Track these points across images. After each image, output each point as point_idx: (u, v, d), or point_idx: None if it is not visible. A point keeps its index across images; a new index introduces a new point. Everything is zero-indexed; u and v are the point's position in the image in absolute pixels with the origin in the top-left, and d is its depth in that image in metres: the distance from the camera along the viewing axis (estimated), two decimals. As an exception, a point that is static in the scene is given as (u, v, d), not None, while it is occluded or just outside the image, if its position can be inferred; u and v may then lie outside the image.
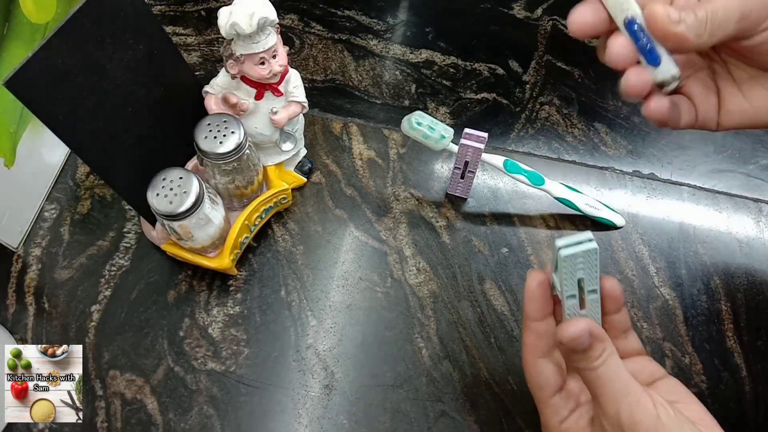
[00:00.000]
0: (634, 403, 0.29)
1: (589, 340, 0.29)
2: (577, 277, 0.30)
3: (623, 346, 0.34)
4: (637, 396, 0.29)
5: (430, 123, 0.45)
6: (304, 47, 0.59)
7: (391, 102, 0.57)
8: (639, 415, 0.29)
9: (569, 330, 0.29)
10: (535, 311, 0.33)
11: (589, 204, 0.50)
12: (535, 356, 0.33)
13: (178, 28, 0.59)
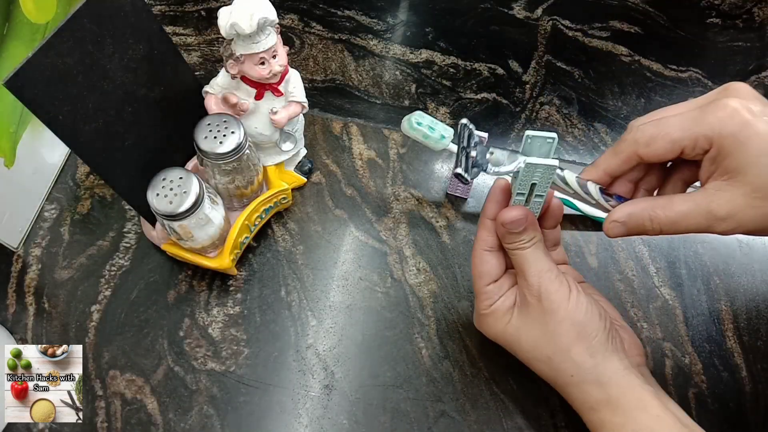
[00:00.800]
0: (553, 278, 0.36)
1: (524, 224, 0.36)
2: (531, 182, 0.36)
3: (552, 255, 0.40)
4: (556, 273, 0.37)
5: (430, 123, 0.45)
6: (304, 47, 0.59)
7: (391, 102, 0.57)
8: (555, 286, 0.36)
9: (510, 213, 0.37)
10: (492, 210, 0.39)
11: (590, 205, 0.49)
12: (483, 248, 0.39)
13: (178, 28, 0.59)
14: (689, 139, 0.32)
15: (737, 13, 0.65)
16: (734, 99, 0.32)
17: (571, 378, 0.36)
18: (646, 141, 0.33)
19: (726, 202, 0.32)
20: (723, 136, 0.31)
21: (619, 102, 0.58)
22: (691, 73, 0.60)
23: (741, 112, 0.31)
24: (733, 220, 0.32)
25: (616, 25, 0.63)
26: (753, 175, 0.31)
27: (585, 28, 0.62)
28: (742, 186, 0.31)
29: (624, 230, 0.35)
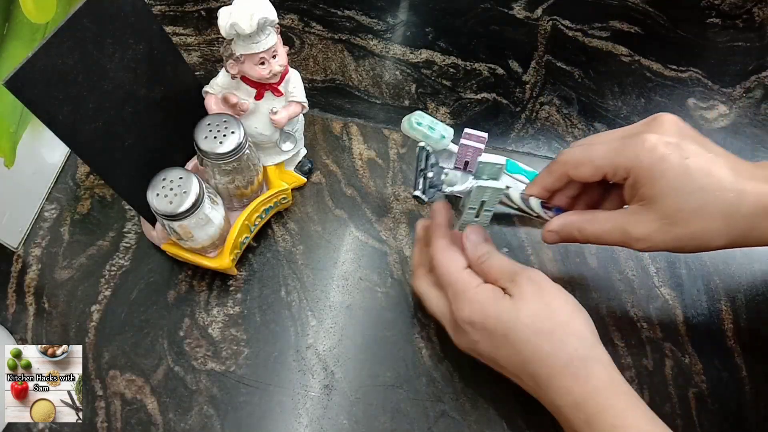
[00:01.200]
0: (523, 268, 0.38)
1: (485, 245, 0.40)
2: (481, 200, 0.41)
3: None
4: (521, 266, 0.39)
5: (430, 123, 0.45)
6: (304, 47, 0.59)
7: (391, 102, 0.57)
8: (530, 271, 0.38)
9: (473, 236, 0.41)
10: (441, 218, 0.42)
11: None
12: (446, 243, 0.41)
13: (178, 28, 0.59)
14: (610, 167, 0.36)
15: (737, 13, 0.65)
16: (654, 134, 0.35)
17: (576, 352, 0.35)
18: (574, 164, 0.38)
19: (640, 225, 0.36)
20: (639, 168, 0.35)
21: (619, 102, 0.58)
22: (691, 73, 0.60)
23: (657, 147, 0.34)
24: (646, 241, 0.36)
25: (616, 25, 0.63)
26: (664, 204, 0.35)
27: (585, 28, 0.62)
28: (654, 212, 0.35)
29: (558, 238, 0.40)
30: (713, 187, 0.34)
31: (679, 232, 0.35)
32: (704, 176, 0.34)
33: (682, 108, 0.58)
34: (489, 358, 0.38)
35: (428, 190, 0.41)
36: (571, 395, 0.34)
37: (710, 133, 0.57)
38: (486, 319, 0.37)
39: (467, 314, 0.37)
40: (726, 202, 0.34)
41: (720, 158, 0.35)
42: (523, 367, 0.36)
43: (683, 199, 0.34)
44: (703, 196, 0.34)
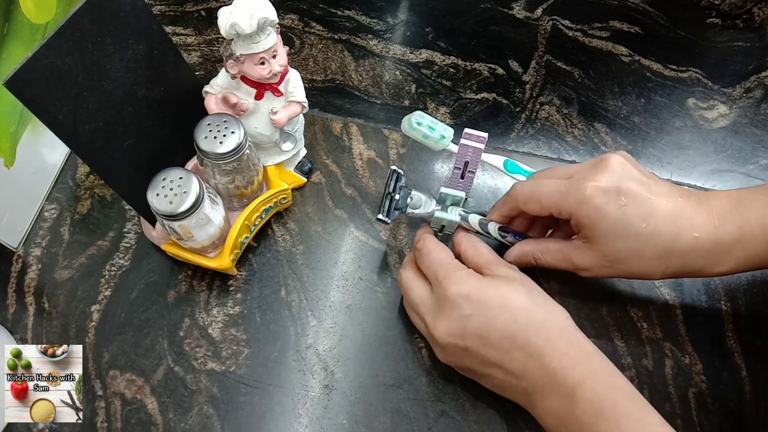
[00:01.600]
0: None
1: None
2: (441, 224, 0.44)
3: None
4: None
5: (430, 123, 0.45)
6: (304, 47, 0.59)
7: (391, 102, 0.57)
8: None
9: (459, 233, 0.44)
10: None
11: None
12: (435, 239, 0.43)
13: (178, 28, 0.59)
14: (554, 208, 0.39)
15: (737, 13, 0.65)
16: (594, 182, 0.38)
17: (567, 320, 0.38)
18: (523, 200, 0.41)
19: (585, 259, 0.40)
20: (579, 214, 0.38)
21: (619, 102, 0.58)
22: (691, 73, 0.60)
23: (595, 196, 0.37)
24: (590, 272, 0.40)
25: (616, 25, 0.63)
26: (602, 246, 0.38)
27: (585, 28, 0.62)
28: (596, 251, 0.39)
29: (518, 261, 0.44)
30: (649, 232, 0.37)
31: (620, 268, 0.39)
32: (641, 222, 0.37)
33: (682, 108, 0.58)
34: (479, 337, 0.37)
35: (392, 212, 0.44)
36: (567, 357, 0.35)
37: (710, 133, 0.57)
38: (481, 290, 0.38)
39: (462, 286, 0.38)
40: (661, 245, 0.37)
41: (660, 200, 0.38)
42: (518, 337, 0.36)
43: (620, 243, 0.38)
44: (638, 241, 0.37)
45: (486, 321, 0.37)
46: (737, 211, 0.38)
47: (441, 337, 0.38)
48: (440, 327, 0.38)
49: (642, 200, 0.37)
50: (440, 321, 0.38)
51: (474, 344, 0.37)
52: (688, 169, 0.55)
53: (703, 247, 0.38)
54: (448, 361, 0.40)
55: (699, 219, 0.38)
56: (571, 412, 0.34)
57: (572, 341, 0.36)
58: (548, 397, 0.35)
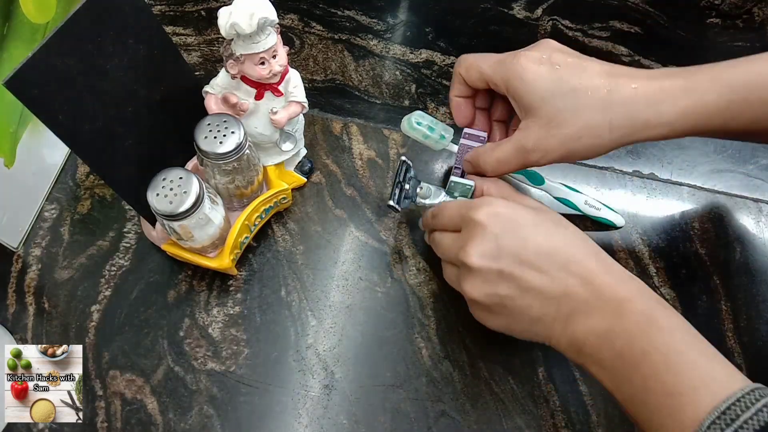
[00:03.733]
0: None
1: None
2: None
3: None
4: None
5: (430, 123, 0.45)
6: (304, 47, 0.59)
7: (391, 102, 0.57)
8: None
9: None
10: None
11: (589, 203, 0.49)
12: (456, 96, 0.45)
13: (178, 28, 0.59)
14: (492, 78, 0.40)
15: (737, 13, 0.65)
16: (531, 51, 0.38)
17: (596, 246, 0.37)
18: (465, 67, 0.41)
19: (531, 136, 0.38)
20: (514, 80, 0.38)
21: (619, 102, 0.58)
22: (691, 73, 0.60)
23: (530, 61, 0.38)
24: (539, 150, 0.38)
25: (616, 25, 0.63)
26: (544, 110, 0.37)
27: (585, 28, 0.62)
28: (538, 120, 0.38)
29: (472, 169, 0.44)
30: (584, 86, 0.37)
31: (564, 133, 0.37)
32: (576, 78, 0.37)
33: (682, 108, 0.58)
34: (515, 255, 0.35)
35: (402, 201, 0.44)
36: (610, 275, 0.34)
37: (710, 133, 0.57)
38: (510, 209, 0.36)
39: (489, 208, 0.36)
40: (599, 94, 0.36)
41: (593, 64, 0.38)
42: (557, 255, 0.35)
43: (559, 102, 0.37)
44: (576, 96, 0.37)
45: (520, 239, 0.35)
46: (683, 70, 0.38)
47: (473, 261, 0.35)
48: (471, 250, 0.36)
49: (574, 63, 0.38)
50: (470, 245, 0.36)
51: (509, 264, 0.35)
52: (688, 169, 0.55)
53: (645, 95, 0.36)
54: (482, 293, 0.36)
55: (636, 73, 0.37)
56: (620, 326, 0.32)
57: (608, 262, 0.35)
58: (592, 316, 0.33)
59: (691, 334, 0.32)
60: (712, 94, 0.36)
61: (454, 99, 0.44)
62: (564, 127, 0.37)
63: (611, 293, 0.33)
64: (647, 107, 0.36)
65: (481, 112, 0.46)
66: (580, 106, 0.37)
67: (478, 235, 0.36)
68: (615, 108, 0.36)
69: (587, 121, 0.37)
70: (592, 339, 0.33)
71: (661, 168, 0.55)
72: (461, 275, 0.37)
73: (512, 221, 0.36)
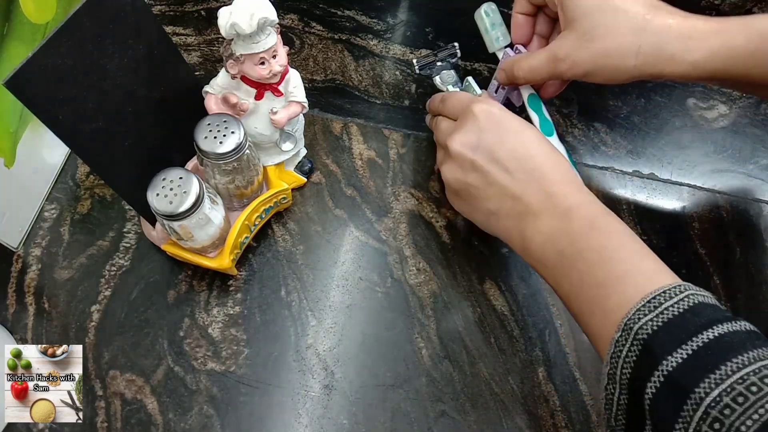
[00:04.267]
0: None
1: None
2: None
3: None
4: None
5: (496, 21, 0.47)
6: (304, 47, 0.59)
7: (391, 102, 0.57)
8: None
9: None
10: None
11: None
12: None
13: (178, 28, 0.59)
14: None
15: (737, 13, 0.64)
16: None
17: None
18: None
19: (564, 45, 0.40)
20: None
21: (619, 102, 0.58)
22: (691, 73, 0.60)
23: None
24: (569, 60, 0.40)
25: (616, 25, 0.63)
26: (582, 23, 0.39)
27: (585, 28, 0.62)
28: (575, 31, 0.40)
29: (505, 78, 0.46)
30: (625, 8, 0.38)
31: (595, 47, 0.39)
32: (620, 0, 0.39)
33: (682, 108, 0.58)
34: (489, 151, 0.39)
35: (426, 68, 0.49)
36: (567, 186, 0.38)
37: (710, 133, 0.57)
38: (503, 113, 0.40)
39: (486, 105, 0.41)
40: (637, 19, 0.38)
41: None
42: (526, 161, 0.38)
43: (599, 17, 0.39)
44: (616, 15, 0.38)
45: (499, 138, 0.39)
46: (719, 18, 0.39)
47: (454, 147, 0.40)
48: (456, 137, 0.41)
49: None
50: (458, 133, 0.41)
51: (482, 158, 0.39)
52: (688, 169, 0.55)
53: (678, 28, 0.38)
54: (453, 177, 0.41)
55: (676, 11, 0.39)
56: (564, 228, 0.36)
57: (575, 181, 0.38)
58: (541, 218, 0.37)
59: (628, 235, 0.35)
60: (740, 38, 0.37)
61: (516, 15, 0.46)
62: (597, 41, 0.39)
63: (563, 200, 0.37)
64: (677, 41, 0.38)
65: (539, 39, 0.47)
66: (617, 25, 0.38)
67: (467, 125, 0.40)
68: (647, 35, 0.38)
69: (619, 40, 0.39)
70: (539, 239, 0.37)
71: (661, 168, 0.55)
72: (444, 158, 0.42)
73: (499, 122, 0.40)
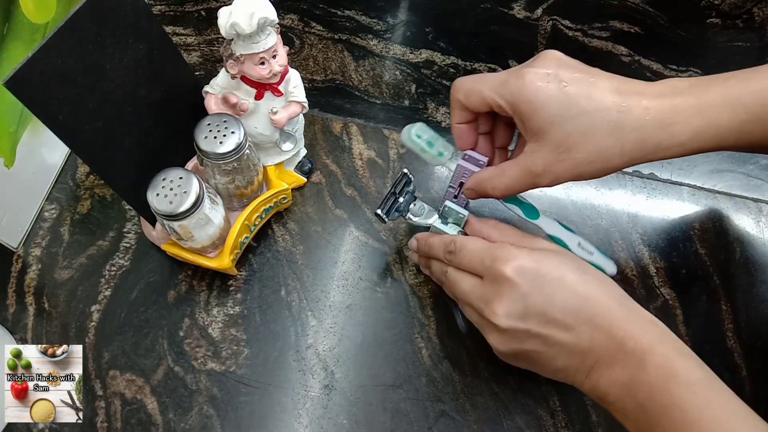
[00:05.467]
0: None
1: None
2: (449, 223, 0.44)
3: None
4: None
5: (431, 138, 0.44)
6: (304, 47, 0.59)
7: (391, 102, 0.57)
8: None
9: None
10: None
11: (582, 246, 0.46)
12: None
13: (178, 28, 0.59)
14: (494, 100, 0.37)
15: (737, 13, 0.65)
16: (533, 68, 0.36)
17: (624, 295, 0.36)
18: (465, 93, 0.39)
19: (539, 160, 0.36)
20: (520, 102, 0.36)
21: (619, 102, 0.58)
22: (691, 73, 0.60)
23: (534, 80, 0.36)
24: (549, 174, 0.37)
25: (616, 25, 0.63)
26: (552, 134, 0.36)
27: (585, 28, 0.62)
28: (546, 144, 0.36)
29: (475, 194, 0.42)
30: (594, 107, 0.35)
31: (575, 158, 0.36)
32: (584, 99, 0.35)
33: (682, 108, 0.58)
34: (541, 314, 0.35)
35: (392, 212, 0.44)
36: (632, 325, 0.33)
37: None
38: (536, 263, 0.35)
39: (514, 262, 0.35)
40: (611, 116, 0.35)
41: (602, 80, 0.36)
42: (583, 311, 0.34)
43: (569, 125, 0.35)
44: (586, 119, 0.35)
45: (546, 297, 0.35)
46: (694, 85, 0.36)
47: (501, 321, 0.35)
48: (498, 310, 0.35)
49: (582, 80, 0.36)
50: (497, 304, 0.35)
51: (536, 324, 0.35)
52: (688, 169, 0.55)
53: (657, 116, 0.35)
54: (508, 348, 0.36)
55: (648, 90, 0.36)
56: (640, 379, 0.32)
57: (632, 309, 0.35)
58: (614, 368, 0.33)
59: (712, 387, 0.32)
60: (725, 114, 0.35)
61: (457, 127, 0.42)
62: (574, 152, 0.36)
63: (633, 345, 0.33)
64: (660, 130, 0.35)
65: (483, 137, 0.43)
66: (591, 130, 0.35)
67: (506, 293, 0.35)
68: (626, 132, 0.35)
69: (598, 145, 0.35)
70: (615, 389, 0.33)
71: (661, 168, 0.55)
72: (486, 328, 0.37)
73: (539, 278, 0.35)
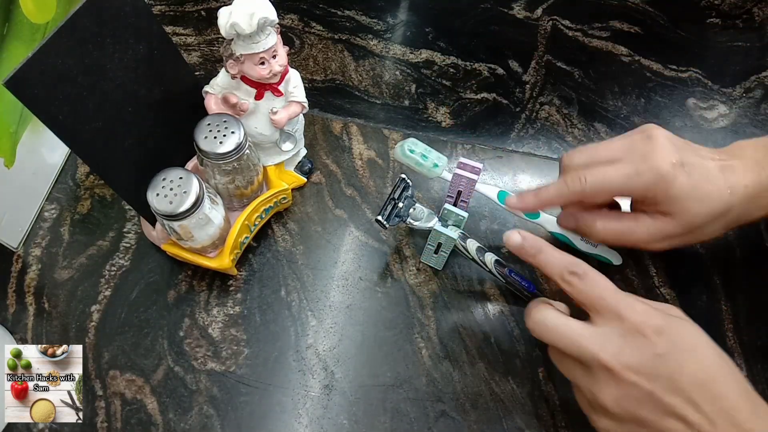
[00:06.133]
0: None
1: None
2: (438, 241, 0.44)
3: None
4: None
5: (423, 151, 0.44)
6: (304, 47, 0.59)
7: (391, 102, 0.57)
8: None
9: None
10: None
11: (585, 240, 0.47)
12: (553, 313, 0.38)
13: (178, 28, 0.59)
14: (629, 192, 0.41)
15: (737, 13, 0.65)
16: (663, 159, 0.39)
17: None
18: (592, 194, 0.41)
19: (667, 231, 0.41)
20: (657, 190, 0.39)
21: (619, 102, 0.58)
22: (691, 73, 0.60)
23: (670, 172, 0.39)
24: (667, 243, 0.42)
25: (616, 25, 0.63)
26: (681, 217, 0.40)
27: (585, 28, 0.62)
28: (673, 222, 0.40)
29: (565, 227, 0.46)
30: (715, 191, 0.40)
31: (699, 233, 0.41)
32: (706, 184, 0.39)
33: (682, 108, 0.58)
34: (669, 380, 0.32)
35: (392, 218, 0.44)
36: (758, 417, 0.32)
37: (710, 133, 0.57)
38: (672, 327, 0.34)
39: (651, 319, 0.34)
40: (725, 201, 0.40)
41: (708, 162, 0.40)
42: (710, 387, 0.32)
43: (698, 208, 0.40)
44: (710, 202, 0.40)
45: (678, 364, 0.32)
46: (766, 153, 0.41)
47: (625, 375, 0.33)
48: (626, 361, 0.33)
49: (698, 165, 0.40)
50: (626, 355, 0.33)
51: (662, 389, 0.32)
52: (688, 169, 0.55)
53: (752, 193, 0.40)
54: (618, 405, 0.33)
55: (742, 170, 0.40)
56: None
57: (756, 398, 0.33)
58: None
59: None
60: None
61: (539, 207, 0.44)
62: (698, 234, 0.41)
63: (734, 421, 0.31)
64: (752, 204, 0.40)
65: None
66: (713, 212, 0.40)
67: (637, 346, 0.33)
68: (733, 212, 0.40)
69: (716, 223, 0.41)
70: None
71: (661, 168, 0.55)
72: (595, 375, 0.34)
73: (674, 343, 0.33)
